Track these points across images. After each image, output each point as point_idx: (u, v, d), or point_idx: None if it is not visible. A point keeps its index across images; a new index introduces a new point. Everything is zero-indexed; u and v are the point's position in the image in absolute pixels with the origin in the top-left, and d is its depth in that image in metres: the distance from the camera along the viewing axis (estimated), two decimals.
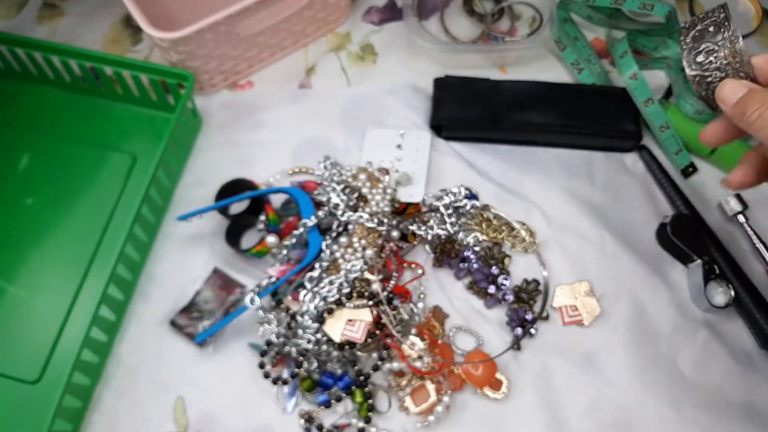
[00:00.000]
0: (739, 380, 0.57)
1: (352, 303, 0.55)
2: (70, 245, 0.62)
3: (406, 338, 0.55)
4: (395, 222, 0.59)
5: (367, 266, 0.57)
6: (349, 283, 0.57)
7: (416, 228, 0.60)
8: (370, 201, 0.60)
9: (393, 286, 0.57)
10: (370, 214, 0.59)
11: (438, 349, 0.55)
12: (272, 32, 0.67)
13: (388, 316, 0.55)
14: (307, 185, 0.63)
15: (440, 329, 0.57)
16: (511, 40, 0.73)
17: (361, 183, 0.61)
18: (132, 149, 0.66)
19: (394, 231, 0.59)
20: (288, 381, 0.56)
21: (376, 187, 0.61)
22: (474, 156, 0.67)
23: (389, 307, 0.55)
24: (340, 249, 0.58)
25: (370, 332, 0.55)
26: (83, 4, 0.75)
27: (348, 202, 0.60)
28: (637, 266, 0.61)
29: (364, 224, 0.58)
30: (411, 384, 0.55)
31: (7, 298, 0.60)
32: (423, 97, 0.69)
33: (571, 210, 0.64)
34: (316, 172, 0.65)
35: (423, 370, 0.54)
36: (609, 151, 0.67)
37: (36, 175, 0.66)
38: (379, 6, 0.75)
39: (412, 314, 0.57)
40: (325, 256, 0.58)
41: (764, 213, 0.64)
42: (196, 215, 0.60)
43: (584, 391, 0.56)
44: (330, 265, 0.58)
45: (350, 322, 0.55)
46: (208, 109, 0.69)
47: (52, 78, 0.68)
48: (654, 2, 0.68)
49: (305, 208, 0.60)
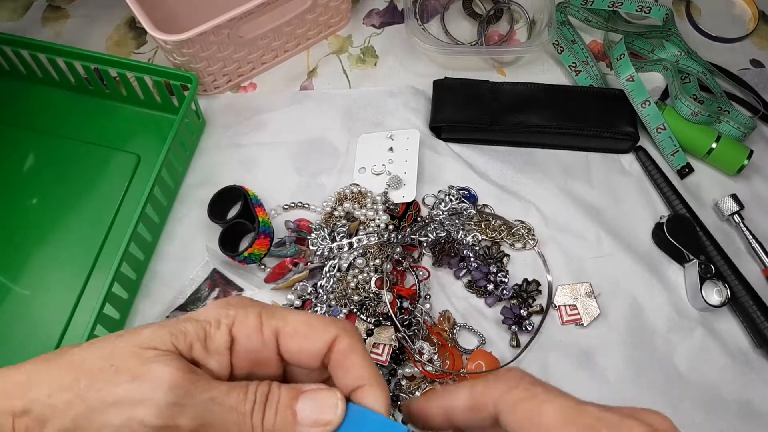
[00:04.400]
0: (734, 378, 0.58)
1: (375, 336, 0.56)
2: (74, 244, 0.63)
3: (416, 342, 0.56)
4: (400, 237, 0.60)
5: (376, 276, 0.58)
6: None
7: (419, 236, 0.61)
8: (366, 222, 0.61)
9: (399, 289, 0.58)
10: (372, 233, 0.59)
11: (448, 353, 0.56)
12: (275, 35, 0.68)
13: (401, 331, 0.56)
14: (302, 225, 0.63)
15: (449, 332, 0.58)
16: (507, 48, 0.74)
17: (349, 206, 0.62)
18: (136, 150, 0.67)
19: (398, 247, 0.59)
20: None
21: (364, 205, 0.62)
22: (473, 157, 0.67)
23: (402, 327, 0.56)
24: (355, 273, 0.59)
25: (393, 352, 0.56)
26: (88, 6, 0.76)
27: (347, 235, 0.60)
28: (634, 266, 0.62)
29: (374, 245, 0.59)
30: (421, 387, 0.56)
31: (12, 297, 0.61)
32: (423, 99, 0.70)
33: (569, 210, 0.64)
34: (312, 206, 0.64)
35: (434, 373, 0.55)
36: (606, 152, 0.68)
37: (41, 175, 0.66)
38: (380, 9, 0.76)
39: (422, 314, 0.58)
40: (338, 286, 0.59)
41: (759, 213, 0.65)
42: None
43: (582, 389, 0.57)
44: (342, 287, 0.59)
45: (375, 345, 0.56)
46: (211, 111, 0.70)
47: (56, 79, 0.69)
48: (651, 5, 0.69)
49: None
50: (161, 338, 0.26)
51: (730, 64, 0.72)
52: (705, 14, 0.77)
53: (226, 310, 0.27)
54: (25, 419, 0.25)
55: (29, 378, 0.26)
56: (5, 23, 0.75)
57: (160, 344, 0.26)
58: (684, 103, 0.66)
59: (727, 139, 0.65)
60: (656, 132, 0.66)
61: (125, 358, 0.26)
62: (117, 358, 0.26)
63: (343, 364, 0.27)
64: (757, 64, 0.73)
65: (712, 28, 0.75)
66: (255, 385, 0.26)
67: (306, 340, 0.27)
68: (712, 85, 0.68)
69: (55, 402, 0.25)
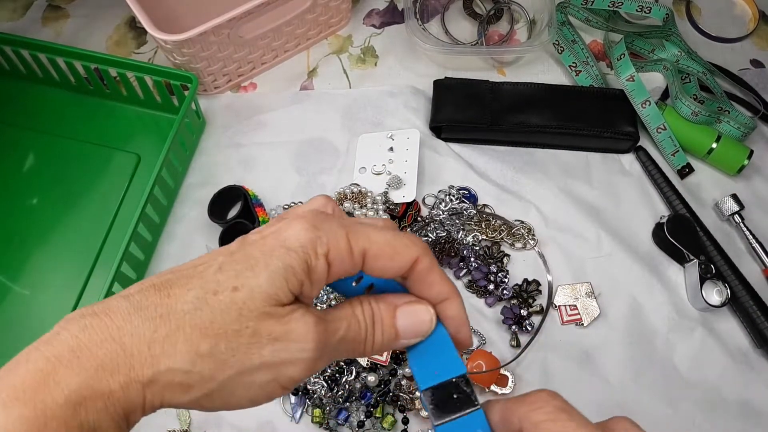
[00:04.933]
0: (735, 378, 0.58)
1: None
2: (75, 244, 0.63)
3: None
4: None
5: None
6: None
7: (420, 236, 0.61)
8: None
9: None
10: None
11: None
12: (275, 35, 0.68)
13: None
14: None
15: None
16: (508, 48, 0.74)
17: (349, 205, 0.62)
18: (136, 149, 0.67)
19: None
20: (297, 392, 0.56)
21: (365, 205, 0.61)
22: (473, 157, 0.67)
23: None
24: None
25: (393, 352, 0.56)
26: (88, 6, 0.76)
27: None
28: (634, 266, 0.62)
29: None
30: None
31: (12, 297, 0.61)
32: (423, 98, 0.70)
33: (569, 210, 0.64)
34: None
35: None
36: (606, 152, 0.68)
37: (41, 175, 0.66)
38: (380, 9, 0.76)
39: None
40: None
41: (760, 213, 0.65)
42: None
43: (582, 389, 0.57)
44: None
45: None
46: (211, 111, 0.70)
47: (57, 79, 0.69)
48: (651, 5, 0.69)
49: None
50: (281, 288, 0.26)
51: (730, 64, 0.72)
52: (705, 14, 0.77)
53: (317, 234, 0.27)
54: (157, 387, 0.25)
55: (150, 346, 0.25)
56: (5, 23, 0.75)
57: (284, 296, 0.26)
58: (684, 103, 0.66)
59: (727, 139, 0.65)
60: (656, 132, 0.66)
61: (258, 318, 0.25)
62: (249, 319, 0.25)
63: (425, 281, 0.29)
64: (757, 64, 0.73)
65: (712, 28, 0.75)
66: (361, 311, 0.29)
67: (391, 262, 0.28)
68: (713, 85, 0.68)
69: (200, 369, 0.25)
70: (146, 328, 0.25)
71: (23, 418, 0.23)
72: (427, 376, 0.29)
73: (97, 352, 0.24)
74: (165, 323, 0.25)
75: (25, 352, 0.25)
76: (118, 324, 0.25)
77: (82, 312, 0.26)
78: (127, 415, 0.25)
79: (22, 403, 0.23)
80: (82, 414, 0.24)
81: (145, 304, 0.26)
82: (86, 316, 0.25)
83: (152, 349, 0.25)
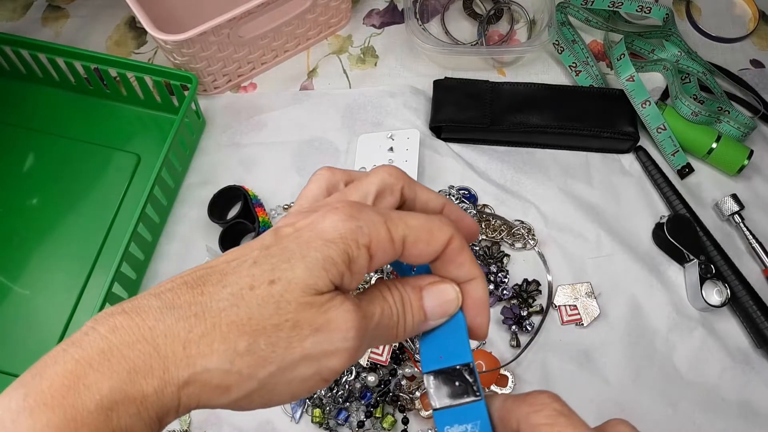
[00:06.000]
0: (734, 379, 0.58)
1: None
2: (74, 244, 0.63)
3: (416, 342, 0.56)
4: None
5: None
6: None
7: None
8: None
9: None
10: None
11: None
12: (275, 35, 0.68)
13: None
14: None
15: None
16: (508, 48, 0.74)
17: None
18: (136, 150, 0.67)
19: None
20: None
21: None
22: (473, 157, 0.67)
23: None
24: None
25: (393, 352, 0.56)
26: (88, 6, 0.76)
27: None
28: (634, 266, 0.62)
29: None
30: (421, 388, 0.56)
31: (12, 297, 0.61)
32: (423, 98, 0.70)
33: (569, 210, 0.64)
34: None
35: None
36: (606, 152, 0.68)
37: (40, 175, 0.66)
38: (380, 9, 0.76)
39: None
40: None
41: (760, 213, 0.65)
42: None
43: (581, 389, 0.57)
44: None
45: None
46: (211, 111, 0.70)
47: (56, 79, 0.69)
48: (651, 5, 0.69)
49: None
50: (320, 277, 0.25)
51: (730, 64, 0.72)
52: (705, 14, 0.77)
53: (357, 224, 0.26)
54: (194, 389, 0.24)
55: (186, 346, 0.24)
56: (5, 23, 0.75)
57: (323, 286, 0.25)
58: (684, 103, 0.66)
59: (727, 139, 0.65)
60: (656, 132, 0.66)
61: (297, 310, 0.25)
62: (288, 311, 0.24)
63: (455, 261, 0.29)
64: (757, 64, 0.73)
65: (712, 28, 0.75)
66: (390, 296, 0.28)
67: (427, 246, 0.28)
68: (712, 85, 0.68)
69: (239, 367, 0.24)
70: (180, 328, 0.24)
71: (52, 424, 0.22)
72: (431, 359, 0.29)
73: (129, 354, 0.23)
74: (200, 322, 0.24)
75: (52, 354, 0.24)
76: (150, 324, 0.24)
77: (111, 311, 0.25)
78: (161, 418, 0.24)
79: (51, 409, 0.22)
80: (114, 420, 0.23)
81: (178, 303, 0.25)
82: (115, 315, 0.24)
83: (188, 349, 0.24)
